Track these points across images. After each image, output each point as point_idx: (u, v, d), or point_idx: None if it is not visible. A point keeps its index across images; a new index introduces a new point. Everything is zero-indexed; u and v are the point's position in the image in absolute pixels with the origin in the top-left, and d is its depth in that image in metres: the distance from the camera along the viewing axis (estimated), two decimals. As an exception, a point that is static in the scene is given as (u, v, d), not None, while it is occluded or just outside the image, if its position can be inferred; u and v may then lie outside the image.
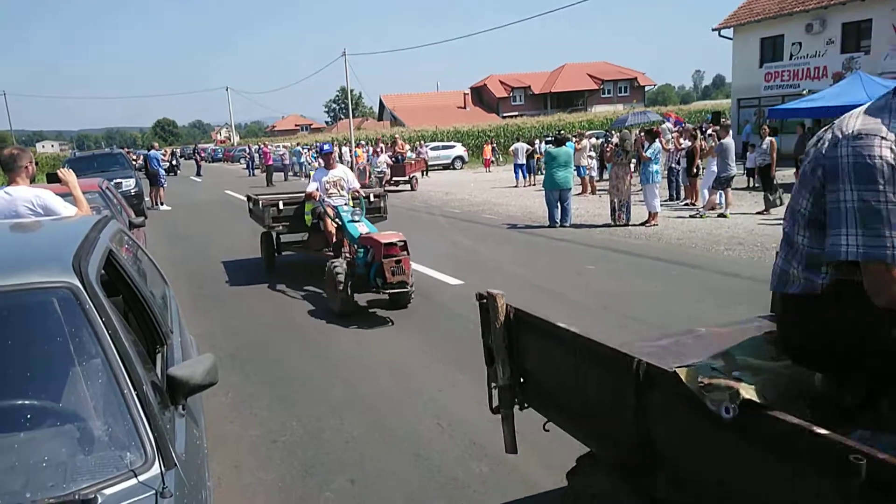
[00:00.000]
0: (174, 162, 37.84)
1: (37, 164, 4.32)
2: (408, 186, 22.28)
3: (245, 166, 38.01)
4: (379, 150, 25.71)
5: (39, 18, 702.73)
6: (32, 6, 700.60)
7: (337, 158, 10.43)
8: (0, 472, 1.73)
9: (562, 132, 15.99)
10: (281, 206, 8.51)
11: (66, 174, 4.45)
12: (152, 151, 21.09)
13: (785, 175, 14.53)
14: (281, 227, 8.60)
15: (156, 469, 1.78)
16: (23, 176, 4.10)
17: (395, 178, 22.72)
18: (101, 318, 1.99)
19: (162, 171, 20.24)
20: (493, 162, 30.43)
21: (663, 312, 6.22)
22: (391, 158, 23.60)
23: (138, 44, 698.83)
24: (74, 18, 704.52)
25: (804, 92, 19.33)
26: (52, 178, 8.31)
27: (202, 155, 47.92)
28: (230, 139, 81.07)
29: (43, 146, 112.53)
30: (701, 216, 11.63)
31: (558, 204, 11.92)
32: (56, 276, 2.07)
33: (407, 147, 27.04)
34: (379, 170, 22.38)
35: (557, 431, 2.65)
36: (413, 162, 24.33)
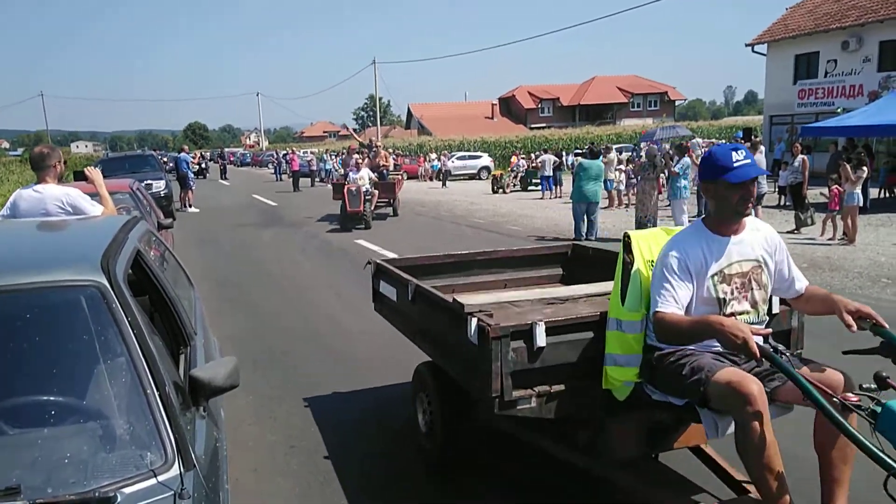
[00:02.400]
0: (203, 165, 38.43)
1: (65, 163, 4.39)
2: (389, 210, 16.90)
3: (272, 171, 38.49)
4: (354, 162, 16.28)
5: (76, 22, 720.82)
6: (70, 11, 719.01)
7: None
8: (23, 467, 1.74)
9: (595, 144, 15.88)
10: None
11: (93, 173, 4.52)
12: (182, 154, 21.42)
13: (818, 194, 14.25)
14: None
15: (175, 470, 1.78)
16: (52, 175, 4.17)
17: (382, 200, 16.13)
18: (128, 318, 2.00)
19: (191, 174, 20.55)
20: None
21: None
22: (375, 174, 16.09)
23: (171, 48, 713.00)
24: (110, 23, 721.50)
25: (839, 110, 19.00)
26: (80, 177, 8.52)
27: (230, 159, 48.54)
28: (259, 144, 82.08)
29: (77, 146, 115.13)
30: None
31: (585, 217, 11.83)
32: (85, 274, 2.09)
33: (391, 159, 20.69)
34: (365, 189, 14.52)
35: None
36: (399, 178, 18.39)
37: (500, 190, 24.05)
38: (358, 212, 14.00)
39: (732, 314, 2.55)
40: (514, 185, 25.01)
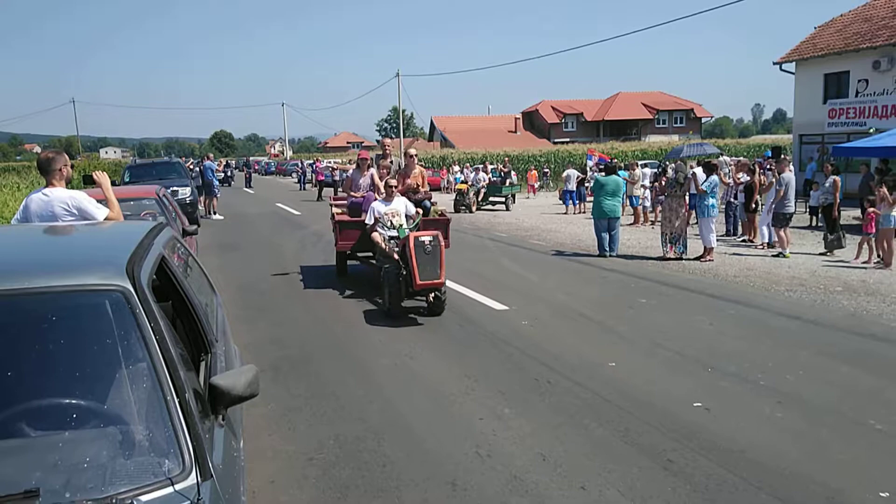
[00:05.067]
0: (228, 173, 38.88)
1: (72, 167, 4.51)
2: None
3: (297, 180, 38.80)
4: (368, 179, 9.64)
5: (107, 31, 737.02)
6: (102, 20, 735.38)
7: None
8: (43, 470, 1.74)
9: (613, 160, 15.77)
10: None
11: (100, 177, 4.60)
12: (207, 162, 21.70)
13: (848, 216, 13.97)
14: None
15: (192, 479, 1.77)
16: (58, 178, 4.28)
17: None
18: (150, 324, 2.00)
19: (216, 182, 20.80)
20: (536, 188, 30.09)
21: (718, 352, 5.99)
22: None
23: (200, 58, 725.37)
24: (140, 32, 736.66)
25: (871, 130, 18.67)
26: (88, 181, 8.92)
27: (255, 168, 49.01)
28: (283, 153, 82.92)
29: (106, 152, 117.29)
30: (785, 256, 11.09)
31: (607, 232, 11.72)
32: (110, 279, 2.09)
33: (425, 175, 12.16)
34: (397, 229, 8.11)
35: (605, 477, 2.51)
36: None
37: (465, 209, 21.05)
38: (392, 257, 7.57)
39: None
40: (477, 203, 22.05)
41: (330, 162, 40.68)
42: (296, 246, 13.70)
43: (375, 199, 8.65)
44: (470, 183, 23.58)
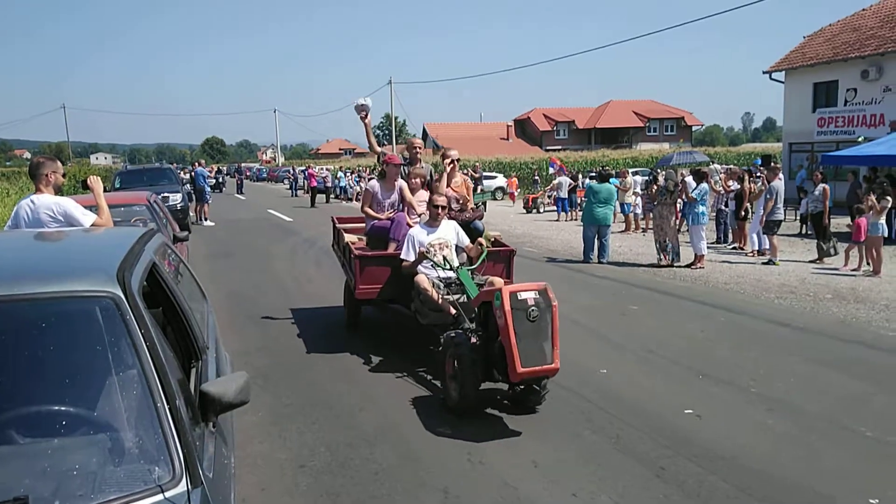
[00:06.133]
0: (220, 179, 38.77)
1: (64, 175, 4.51)
2: None
3: (288, 187, 38.75)
4: (393, 193, 6.92)
5: (98, 36, 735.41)
6: (93, 25, 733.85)
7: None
8: (33, 477, 1.74)
9: (605, 168, 15.84)
10: None
11: (93, 182, 4.62)
12: (199, 168, 21.65)
13: (839, 223, 14.07)
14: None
15: (183, 486, 1.76)
16: (45, 183, 4.29)
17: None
18: (141, 330, 1.99)
19: (207, 188, 20.74)
20: (516, 195, 29.69)
21: (709, 359, 6.01)
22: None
23: (191, 64, 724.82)
24: (132, 35, 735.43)
25: (860, 139, 18.84)
26: (87, 186, 8.77)
27: (247, 174, 48.92)
28: (275, 160, 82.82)
29: (97, 158, 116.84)
30: (775, 263, 11.15)
31: (595, 240, 11.77)
32: (100, 285, 2.08)
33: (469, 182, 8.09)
34: (445, 274, 5.90)
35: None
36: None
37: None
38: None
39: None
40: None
41: (322, 169, 40.57)
42: (288, 252, 13.67)
43: (410, 223, 6.38)
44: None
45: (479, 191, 22.73)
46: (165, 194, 15.28)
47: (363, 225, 7.15)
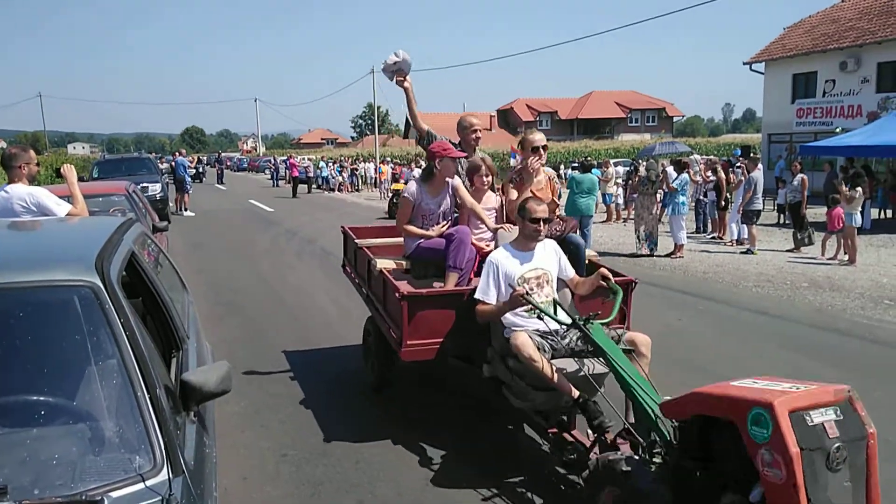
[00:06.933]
0: (200, 169, 38.34)
1: (38, 165, 4.46)
2: None
3: (269, 177, 38.47)
4: (446, 196, 4.82)
5: (75, 21, 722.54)
6: (69, 12, 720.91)
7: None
8: (11, 467, 1.73)
9: (588, 158, 15.91)
10: None
11: (67, 171, 4.58)
12: (179, 158, 21.41)
13: (816, 213, 14.29)
14: None
15: (164, 475, 1.76)
16: (18, 174, 4.24)
17: None
18: (120, 319, 1.98)
19: (188, 178, 20.54)
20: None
21: (689, 347, 6.10)
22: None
23: (171, 52, 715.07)
24: (110, 22, 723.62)
25: (837, 130, 19.11)
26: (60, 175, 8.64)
27: (227, 164, 48.37)
28: (256, 150, 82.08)
29: (74, 147, 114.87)
30: (753, 252, 11.28)
31: (578, 230, 11.83)
32: (79, 274, 2.07)
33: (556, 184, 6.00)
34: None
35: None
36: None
37: None
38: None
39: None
40: None
41: (304, 159, 40.23)
42: (269, 243, 13.60)
43: (477, 244, 4.52)
44: (405, 181, 23.09)
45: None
46: (144, 184, 15.11)
47: (397, 241, 5.22)
